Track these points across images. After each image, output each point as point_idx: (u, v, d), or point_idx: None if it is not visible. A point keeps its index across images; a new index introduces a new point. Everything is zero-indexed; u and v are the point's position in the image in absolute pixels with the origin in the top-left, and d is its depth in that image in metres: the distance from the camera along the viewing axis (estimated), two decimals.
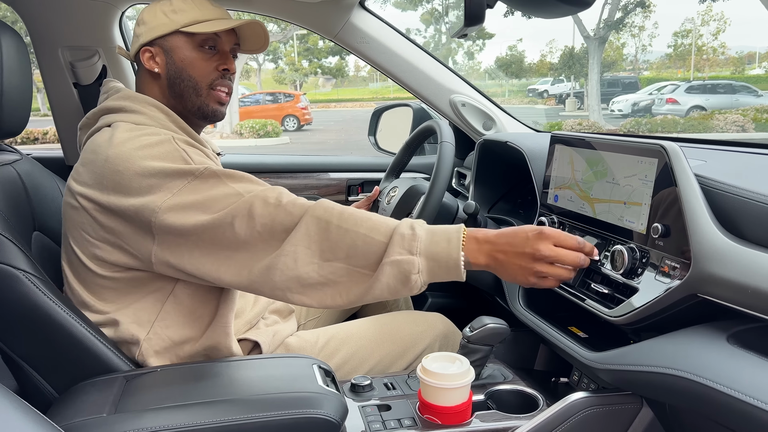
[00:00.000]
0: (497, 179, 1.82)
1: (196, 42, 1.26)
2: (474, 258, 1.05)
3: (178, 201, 1.06)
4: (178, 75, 1.26)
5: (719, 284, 0.91)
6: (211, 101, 1.29)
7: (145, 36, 1.25)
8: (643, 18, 24.36)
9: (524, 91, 29.61)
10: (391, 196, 1.62)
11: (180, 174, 1.08)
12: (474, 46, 30.88)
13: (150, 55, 1.26)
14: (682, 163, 1.00)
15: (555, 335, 1.24)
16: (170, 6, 1.25)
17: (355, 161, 2.28)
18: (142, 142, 1.12)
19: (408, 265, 1.01)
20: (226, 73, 1.30)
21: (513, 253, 1.03)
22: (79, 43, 1.69)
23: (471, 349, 1.24)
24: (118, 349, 1.16)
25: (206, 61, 1.27)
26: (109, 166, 1.10)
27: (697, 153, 1.22)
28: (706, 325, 0.96)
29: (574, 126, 16.16)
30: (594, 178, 1.23)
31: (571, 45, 29.75)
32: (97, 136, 1.18)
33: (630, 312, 1.05)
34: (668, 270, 1.00)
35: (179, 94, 1.27)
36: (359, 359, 1.37)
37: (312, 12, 1.78)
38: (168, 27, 1.24)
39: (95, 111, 1.24)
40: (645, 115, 18.73)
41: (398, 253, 1.01)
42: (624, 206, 1.14)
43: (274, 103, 19.84)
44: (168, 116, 1.23)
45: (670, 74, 29.08)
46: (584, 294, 1.20)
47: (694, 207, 0.96)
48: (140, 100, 1.23)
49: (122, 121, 1.18)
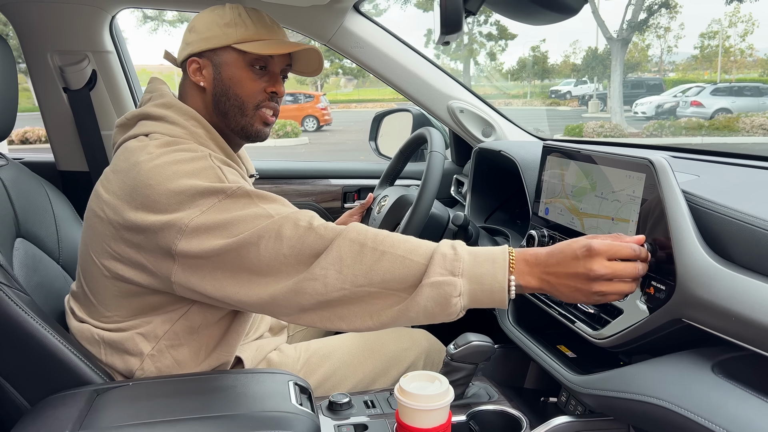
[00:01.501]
0: (494, 188, 1.77)
1: (247, 60, 1.20)
2: (525, 281, 0.96)
3: (206, 220, 1.01)
4: (224, 92, 1.21)
5: (704, 309, 0.85)
6: (257, 122, 1.24)
7: (195, 46, 1.20)
8: (669, 19, 24.01)
9: (546, 92, 29.34)
10: (382, 205, 1.59)
11: (212, 192, 1.03)
12: (496, 46, 30.67)
13: (197, 67, 1.21)
14: (669, 179, 0.94)
15: (541, 355, 1.20)
16: (225, 18, 1.19)
17: (352, 167, 2.25)
18: (177, 157, 1.07)
19: (449, 287, 0.93)
20: (274, 96, 1.25)
21: (566, 275, 0.94)
22: (69, 47, 1.68)
23: (454, 368, 1.19)
24: (91, 361, 1.14)
25: (255, 81, 1.21)
26: (142, 179, 1.05)
27: (692, 166, 1.16)
28: (692, 352, 0.91)
29: (596, 128, 15.99)
30: (583, 191, 1.18)
31: (595, 46, 29.44)
32: (132, 144, 1.14)
33: (614, 335, 1.01)
34: (653, 291, 0.95)
35: (224, 112, 1.22)
36: (341, 376, 1.34)
37: (304, 16, 1.75)
38: (220, 41, 1.18)
39: (135, 113, 1.20)
40: (669, 117, 18.42)
41: (439, 274, 0.94)
42: (612, 222, 1.09)
43: (294, 104, 19.88)
44: (208, 132, 1.19)
45: (697, 76, 28.57)
46: (571, 313, 1.15)
47: (680, 226, 0.91)
48: (182, 111, 1.18)
49: (160, 133, 1.14)
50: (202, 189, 1.03)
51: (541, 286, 0.96)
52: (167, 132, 1.15)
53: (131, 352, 1.15)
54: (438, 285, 0.93)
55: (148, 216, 1.04)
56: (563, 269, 0.94)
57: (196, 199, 1.03)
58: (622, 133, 16.17)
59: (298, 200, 2.15)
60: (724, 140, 14.93)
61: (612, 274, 0.92)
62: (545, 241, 1.29)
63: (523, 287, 0.96)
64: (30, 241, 1.36)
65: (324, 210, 2.18)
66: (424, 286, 0.94)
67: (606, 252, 0.93)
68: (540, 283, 0.96)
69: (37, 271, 1.34)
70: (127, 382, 1.13)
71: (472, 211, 1.78)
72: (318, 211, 2.17)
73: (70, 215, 1.54)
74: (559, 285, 0.95)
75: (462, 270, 0.94)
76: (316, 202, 2.17)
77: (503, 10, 1.12)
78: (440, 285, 0.93)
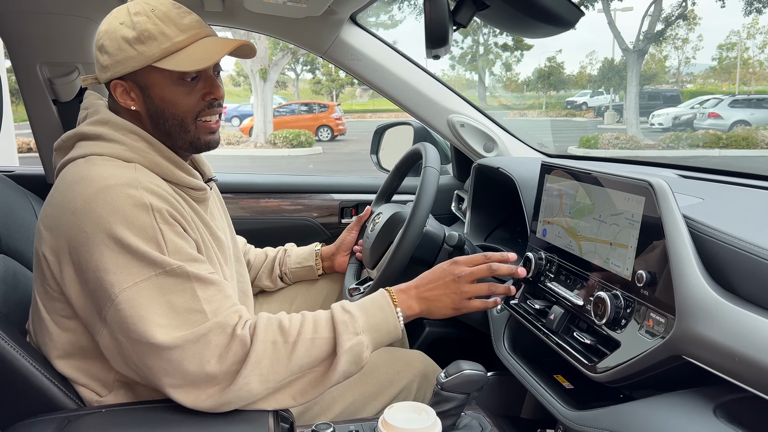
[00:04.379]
0: (495, 206, 1.71)
1: (174, 76, 1.09)
2: (408, 308, 1.14)
3: (136, 296, 0.96)
4: (160, 114, 1.12)
5: (705, 346, 0.79)
6: (202, 133, 1.15)
7: (112, 70, 1.09)
8: (687, 30, 23.81)
9: (562, 103, 29.17)
10: (376, 222, 1.53)
11: (149, 262, 0.97)
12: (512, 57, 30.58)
13: (123, 90, 1.11)
14: (670, 203, 0.88)
15: (536, 386, 1.13)
16: (131, 31, 1.06)
17: (350, 182, 2.20)
18: (116, 202, 0.98)
19: (359, 347, 1.05)
20: (213, 102, 1.15)
21: (437, 286, 1.16)
22: (58, 59, 1.65)
23: (444, 397, 1.13)
24: (65, 386, 1.10)
25: (189, 95, 1.12)
26: (77, 222, 0.99)
27: (697, 188, 1.09)
28: (694, 391, 0.84)
29: (611, 140, 15.84)
30: (582, 213, 1.12)
31: (611, 57, 29.24)
32: (69, 172, 1.07)
33: (610, 369, 0.94)
34: (652, 324, 0.88)
35: (166, 132, 1.14)
36: (328, 401, 1.28)
37: (299, 28, 1.71)
38: (137, 62, 1.07)
39: (71, 135, 1.12)
40: (686, 129, 18.23)
41: (348, 339, 1.04)
42: (610, 247, 1.02)
43: (309, 113, 20.02)
44: (150, 145, 1.11)
45: (715, 87, 28.28)
46: (567, 343, 1.08)
47: (681, 255, 0.84)
48: (119, 126, 1.10)
49: (98, 155, 1.07)
50: (139, 253, 0.97)
51: (421, 307, 1.16)
52: (106, 152, 1.07)
53: (98, 376, 1.11)
54: (350, 349, 1.04)
55: (82, 265, 0.99)
56: (435, 283, 1.17)
57: (130, 263, 0.97)
58: (638, 145, 16.00)
59: (295, 215, 2.11)
60: (742, 153, 14.71)
61: (470, 274, 1.16)
62: (542, 265, 1.23)
63: (408, 315, 1.15)
64: (12, 257, 1.33)
65: (321, 225, 2.13)
66: (340, 356, 1.03)
67: (465, 260, 1.19)
68: (419, 303, 1.16)
69: (18, 288, 1.30)
70: (99, 409, 1.08)
71: (472, 229, 1.72)
72: (315, 227, 2.14)
73: None
74: (434, 298, 1.16)
75: (361, 327, 1.07)
76: (313, 217, 2.12)
77: (497, 23, 1.07)
78: (352, 348, 1.04)
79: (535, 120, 25.89)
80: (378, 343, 1.10)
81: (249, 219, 2.07)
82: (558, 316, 1.12)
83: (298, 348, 1.02)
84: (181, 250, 1.02)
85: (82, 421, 1.03)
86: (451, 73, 30.30)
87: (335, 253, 1.62)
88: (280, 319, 1.06)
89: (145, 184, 1.03)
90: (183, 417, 1.03)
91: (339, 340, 1.04)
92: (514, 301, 1.28)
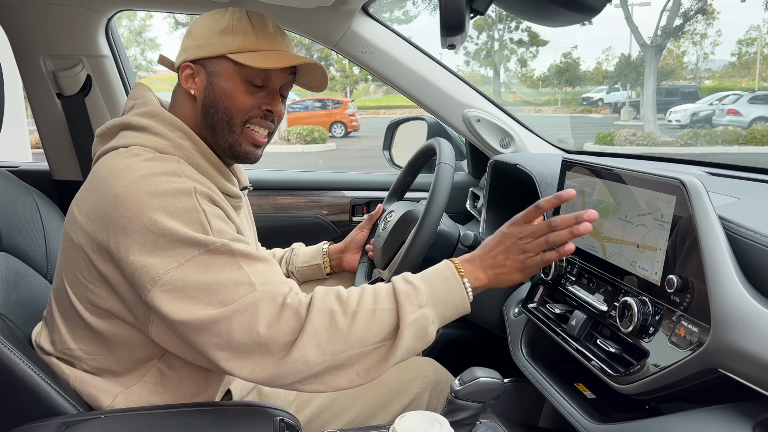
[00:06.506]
0: (512, 204, 1.64)
1: (243, 74, 1.09)
2: (475, 279, 1.05)
3: (181, 276, 0.94)
4: (214, 104, 1.11)
5: (743, 359, 0.72)
6: (245, 141, 1.13)
7: (190, 52, 1.11)
8: (706, 25, 23.49)
9: (578, 100, 28.92)
10: (388, 221, 1.47)
11: (192, 242, 0.95)
12: (527, 53, 30.34)
13: (190, 73, 1.11)
14: (704, 202, 0.81)
15: (555, 395, 1.07)
16: (223, 23, 1.09)
17: (361, 179, 2.14)
18: (159, 187, 0.97)
19: (423, 320, 0.98)
20: (268, 115, 1.14)
21: (500, 252, 1.05)
22: (62, 51, 1.61)
23: (459, 406, 1.07)
24: (63, 389, 1.06)
25: (248, 96, 1.11)
26: (118, 207, 0.96)
27: (730, 186, 1.03)
28: (731, 407, 0.78)
29: (628, 136, 15.66)
30: (606, 212, 1.06)
31: (628, 53, 28.95)
32: (110, 159, 1.04)
33: (637, 381, 0.88)
34: (684, 334, 0.82)
35: (212, 125, 1.12)
36: (337, 410, 1.23)
37: (309, 18, 1.65)
38: (215, 49, 1.09)
39: (116, 122, 1.10)
40: (704, 126, 17.97)
41: (412, 312, 0.97)
42: (637, 249, 0.96)
43: (322, 110, 20.03)
44: (195, 145, 1.09)
45: (734, 83, 27.88)
46: (590, 351, 1.02)
47: (717, 259, 0.78)
48: (167, 121, 1.09)
49: (141, 146, 1.05)
50: (182, 236, 0.94)
51: (488, 276, 1.05)
52: (150, 144, 1.05)
53: (104, 388, 1.07)
54: (414, 321, 0.97)
55: (121, 250, 0.96)
56: (496, 249, 1.06)
57: (173, 246, 0.94)
58: (655, 142, 15.80)
59: (304, 213, 2.06)
60: (762, 150, 14.47)
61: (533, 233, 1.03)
62: (562, 267, 1.16)
63: (477, 286, 1.05)
64: (14, 255, 1.29)
65: (331, 223, 2.08)
66: (403, 329, 0.96)
67: (518, 218, 1.06)
68: (486, 273, 1.05)
69: (19, 287, 1.26)
70: (99, 414, 1.04)
71: (488, 228, 1.65)
72: (325, 225, 2.09)
73: (61, 227, 1.46)
74: (498, 265, 1.05)
75: (425, 299, 0.99)
76: (323, 215, 2.07)
77: (517, 10, 1.00)
78: (416, 321, 0.97)
79: (551, 116, 25.69)
80: (444, 318, 1.02)
81: (257, 217, 2.02)
82: (580, 321, 1.06)
83: (358, 319, 0.96)
84: (225, 232, 1.00)
85: (80, 426, 0.99)
86: (466, 69, 30.16)
87: (344, 251, 1.57)
88: (338, 290, 1.00)
89: (188, 173, 1.03)
90: (184, 422, 1.00)
91: (402, 312, 0.97)
92: (533, 305, 1.22)
